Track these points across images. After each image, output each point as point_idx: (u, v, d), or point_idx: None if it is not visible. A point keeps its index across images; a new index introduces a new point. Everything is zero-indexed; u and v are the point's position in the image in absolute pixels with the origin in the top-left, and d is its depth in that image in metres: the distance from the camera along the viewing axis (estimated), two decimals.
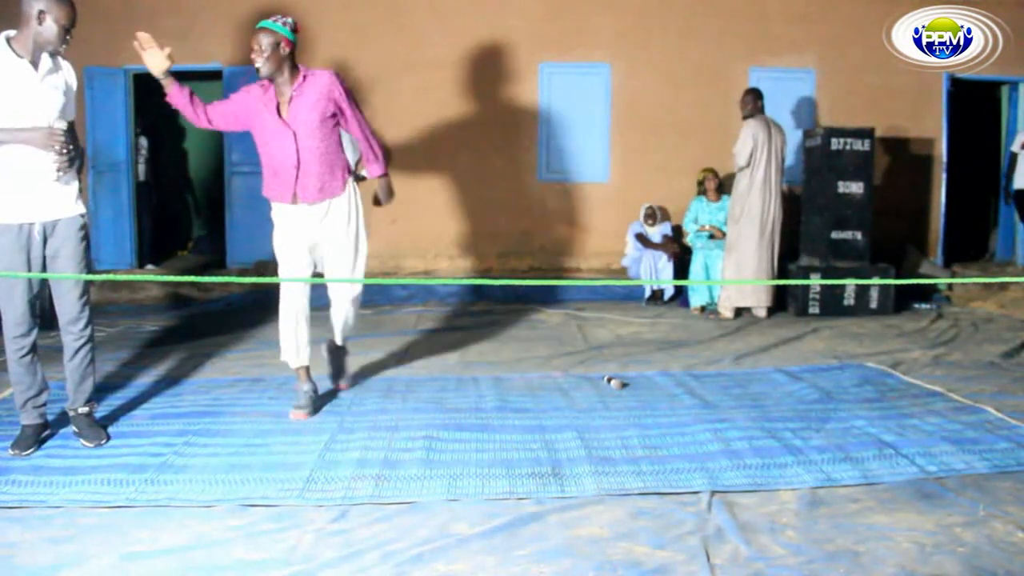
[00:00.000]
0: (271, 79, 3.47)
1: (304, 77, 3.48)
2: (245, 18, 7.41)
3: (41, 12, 2.88)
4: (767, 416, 3.54)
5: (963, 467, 2.92)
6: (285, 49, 3.42)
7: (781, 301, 6.18)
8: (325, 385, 3.95)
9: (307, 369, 3.71)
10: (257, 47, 3.39)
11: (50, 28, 2.89)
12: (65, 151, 2.95)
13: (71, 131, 3.09)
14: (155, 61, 3.41)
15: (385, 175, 3.77)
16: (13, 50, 2.91)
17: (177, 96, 3.52)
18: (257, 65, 3.41)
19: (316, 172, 3.52)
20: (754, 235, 5.94)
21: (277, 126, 3.49)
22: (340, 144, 3.62)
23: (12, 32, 2.93)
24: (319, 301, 3.80)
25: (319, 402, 3.70)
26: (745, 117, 6.03)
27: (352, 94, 3.61)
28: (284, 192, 3.57)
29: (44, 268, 3.06)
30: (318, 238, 3.63)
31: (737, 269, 6.00)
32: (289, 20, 3.47)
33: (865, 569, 2.20)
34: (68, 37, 2.95)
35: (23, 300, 3.02)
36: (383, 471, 2.89)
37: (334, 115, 3.54)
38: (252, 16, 7.36)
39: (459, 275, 7.44)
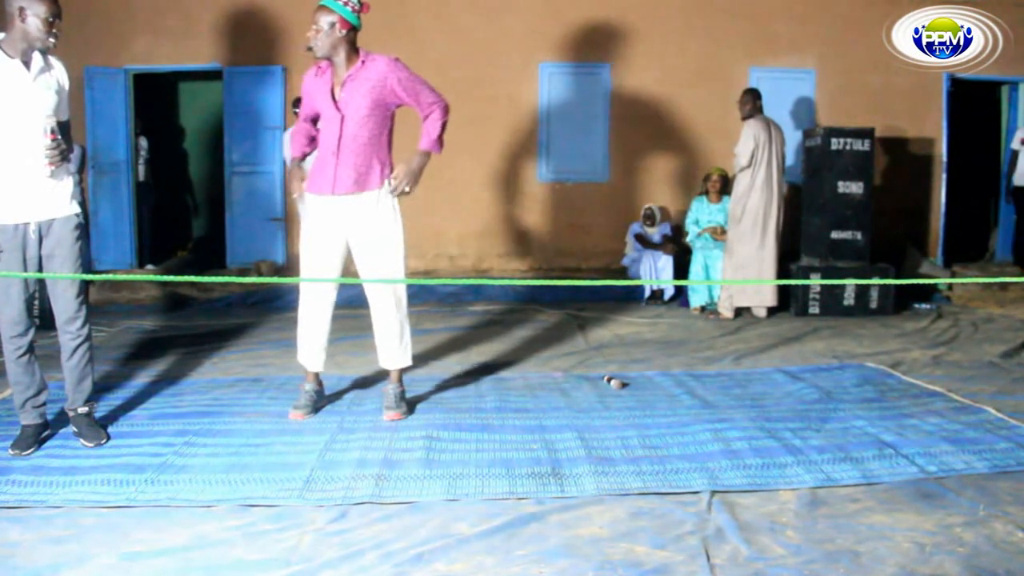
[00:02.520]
0: (328, 60, 3.37)
1: (362, 62, 3.34)
2: (245, 18, 7.43)
3: (21, 9, 2.87)
4: (767, 416, 3.54)
5: (963, 467, 2.92)
6: (341, 30, 3.28)
7: (783, 301, 6.17)
8: (332, 387, 3.94)
9: (316, 372, 3.67)
10: (313, 25, 3.28)
11: (33, 24, 2.88)
12: None
13: (65, 130, 3.08)
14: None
15: (427, 153, 3.46)
16: (4, 51, 2.91)
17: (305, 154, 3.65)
18: (310, 45, 3.30)
19: (353, 163, 3.37)
20: (755, 235, 5.94)
21: (329, 109, 3.38)
22: (388, 137, 3.47)
23: (1, 34, 2.93)
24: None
25: (320, 403, 3.70)
26: (745, 118, 6.03)
27: (416, 77, 3.42)
28: (324, 181, 3.42)
29: (40, 268, 3.06)
30: (350, 235, 3.48)
31: (738, 270, 6.00)
32: (354, 0, 3.31)
33: (865, 569, 2.20)
34: (55, 31, 2.93)
35: (19, 300, 3.02)
36: (383, 471, 2.89)
37: (390, 104, 3.40)
38: (252, 16, 7.40)
39: (459, 275, 7.44)
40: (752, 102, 6.03)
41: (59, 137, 2.97)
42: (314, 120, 3.60)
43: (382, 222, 3.45)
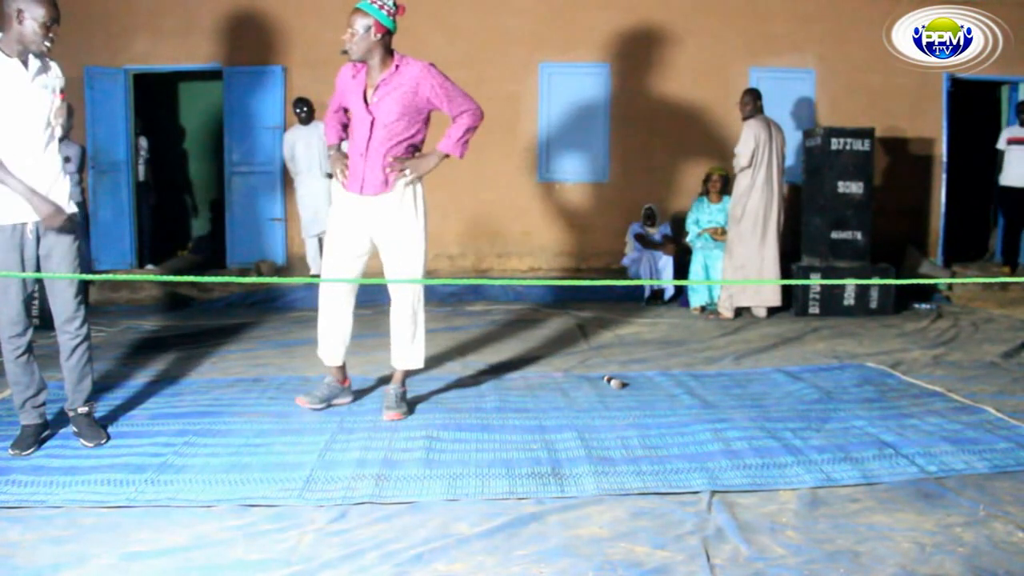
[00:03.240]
0: (362, 62, 3.37)
1: (396, 66, 3.35)
2: (245, 18, 7.43)
3: (20, 11, 2.86)
4: (767, 416, 3.54)
5: (963, 467, 2.92)
6: (376, 34, 3.28)
7: (784, 300, 6.15)
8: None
9: (339, 368, 3.71)
10: (348, 28, 3.27)
11: (30, 27, 2.87)
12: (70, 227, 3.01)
13: (70, 112, 3.08)
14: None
15: (442, 155, 3.48)
16: (2, 50, 2.91)
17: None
18: (346, 48, 3.29)
19: (381, 165, 3.40)
20: (755, 235, 5.94)
21: (360, 110, 3.40)
22: (419, 140, 3.48)
23: None
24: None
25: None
26: (745, 118, 6.02)
27: (449, 83, 3.40)
28: (353, 181, 3.45)
29: (38, 268, 3.06)
30: (374, 234, 3.51)
31: (738, 270, 6.00)
32: (389, 3, 3.30)
33: (865, 569, 2.20)
34: (51, 35, 2.92)
35: (18, 300, 3.02)
36: (383, 471, 2.89)
37: (423, 109, 3.41)
38: (252, 16, 7.40)
39: (459, 275, 7.44)
40: (753, 102, 6.03)
41: (64, 99, 2.97)
42: (344, 109, 3.62)
43: (405, 220, 3.49)
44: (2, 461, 2.97)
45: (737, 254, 6.02)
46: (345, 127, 3.64)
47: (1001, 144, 7.43)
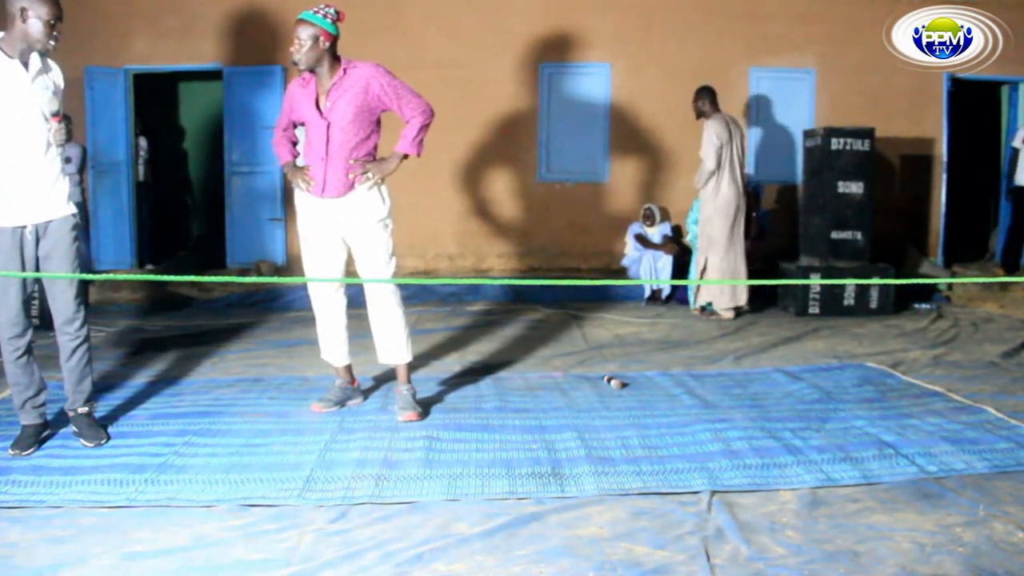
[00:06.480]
0: (311, 71, 3.42)
1: (345, 70, 3.40)
2: (245, 18, 7.43)
3: (23, 9, 2.86)
4: (767, 416, 3.54)
5: (963, 467, 2.92)
6: (325, 43, 3.34)
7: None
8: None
9: (347, 368, 3.75)
10: (296, 39, 3.33)
11: (34, 25, 2.88)
12: None
13: (68, 121, 3.09)
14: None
15: (404, 156, 3.53)
16: (3, 51, 2.91)
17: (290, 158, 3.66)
18: (295, 59, 3.35)
19: (342, 167, 3.44)
20: (725, 235, 5.90)
21: (315, 118, 3.44)
22: (375, 140, 3.53)
23: (0, 33, 2.93)
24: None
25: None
26: (699, 117, 5.96)
27: (398, 82, 3.46)
28: (316, 185, 3.49)
29: (37, 269, 3.05)
30: (345, 234, 3.55)
31: (713, 271, 5.94)
32: (331, 10, 3.37)
33: (865, 569, 2.20)
34: (55, 34, 2.93)
35: (18, 301, 3.02)
36: (383, 471, 2.89)
37: (375, 110, 3.46)
38: (252, 16, 7.40)
39: (459, 275, 7.44)
40: (709, 101, 5.93)
41: (61, 120, 2.96)
42: (293, 126, 3.67)
43: (372, 217, 3.51)
44: (2, 461, 2.97)
45: (712, 252, 5.96)
46: (294, 145, 3.69)
47: (1016, 142, 7.35)
